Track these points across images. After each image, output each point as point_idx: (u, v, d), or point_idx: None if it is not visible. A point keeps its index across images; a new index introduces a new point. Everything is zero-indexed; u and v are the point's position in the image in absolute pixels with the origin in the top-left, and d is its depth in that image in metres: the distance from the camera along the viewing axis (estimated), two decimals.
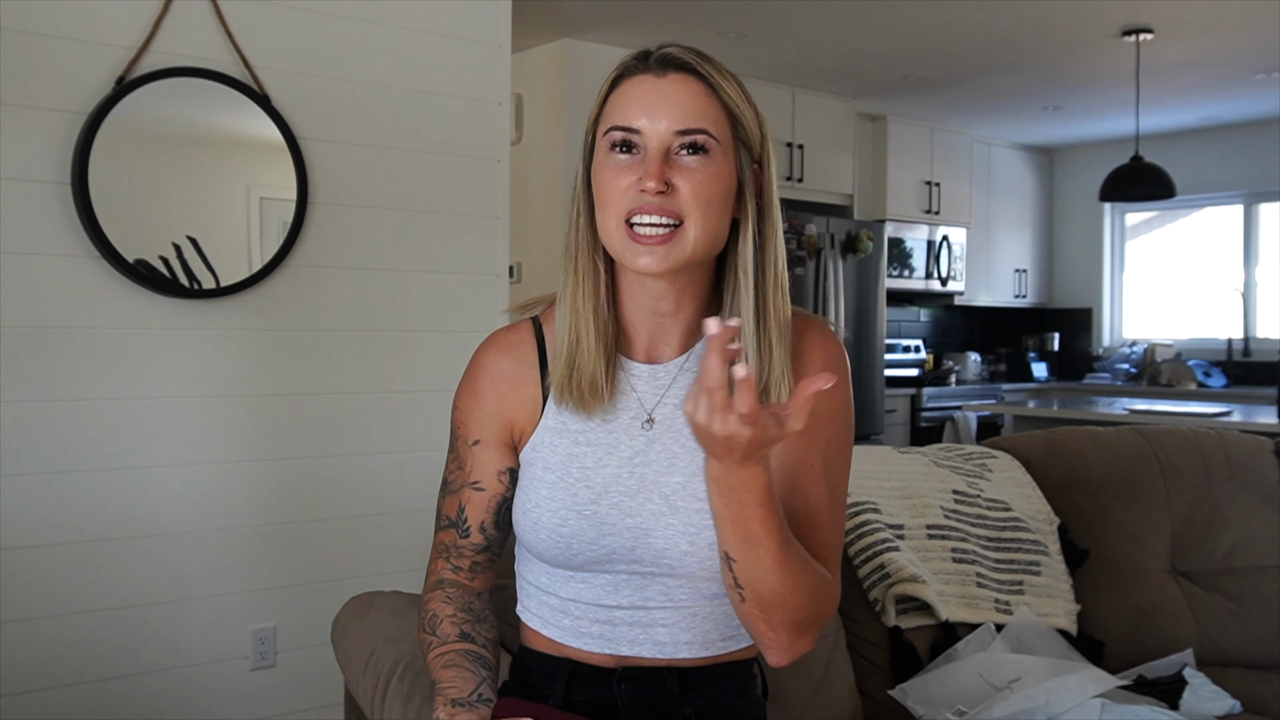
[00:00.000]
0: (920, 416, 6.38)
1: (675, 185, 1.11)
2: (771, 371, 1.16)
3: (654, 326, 1.22)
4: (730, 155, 1.14)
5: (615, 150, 1.13)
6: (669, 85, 1.12)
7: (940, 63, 5.31)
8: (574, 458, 1.21)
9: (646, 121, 1.11)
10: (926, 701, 1.69)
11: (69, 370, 2.45)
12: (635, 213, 1.11)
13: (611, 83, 1.16)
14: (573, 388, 1.19)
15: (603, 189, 1.14)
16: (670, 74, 1.13)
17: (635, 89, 1.13)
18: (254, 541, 2.72)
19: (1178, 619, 2.05)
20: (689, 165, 1.11)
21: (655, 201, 1.10)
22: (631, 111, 1.12)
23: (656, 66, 1.13)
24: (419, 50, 2.96)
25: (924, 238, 6.59)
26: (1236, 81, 5.58)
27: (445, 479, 1.31)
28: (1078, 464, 2.18)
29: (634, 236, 1.11)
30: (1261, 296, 6.79)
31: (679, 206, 1.11)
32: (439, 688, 1.17)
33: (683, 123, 1.11)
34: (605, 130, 1.14)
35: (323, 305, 2.81)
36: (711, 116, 1.12)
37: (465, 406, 1.28)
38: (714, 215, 1.13)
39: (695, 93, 1.12)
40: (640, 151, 1.12)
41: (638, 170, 1.11)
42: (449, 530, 1.29)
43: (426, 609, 1.26)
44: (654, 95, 1.12)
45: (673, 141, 1.11)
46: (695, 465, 1.20)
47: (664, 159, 1.11)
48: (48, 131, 2.41)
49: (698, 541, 1.18)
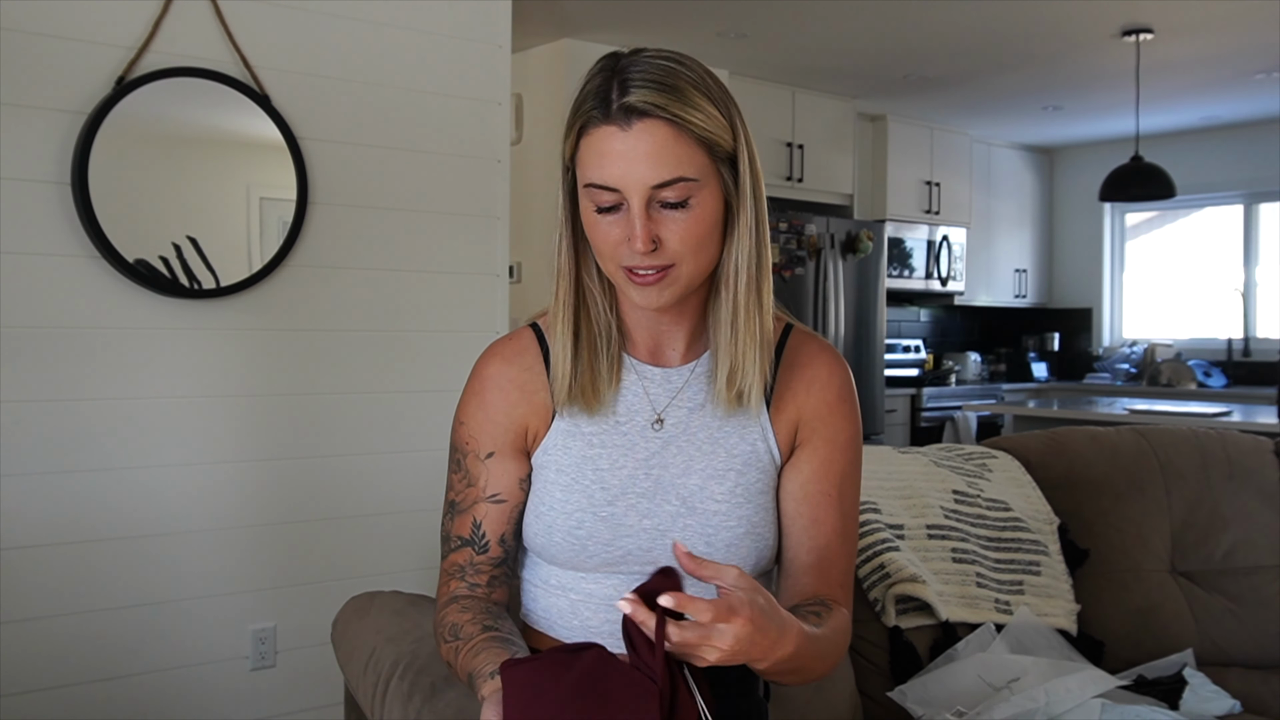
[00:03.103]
0: (920, 416, 6.38)
1: (663, 239, 1.10)
2: (745, 375, 1.18)
3: (657, 333, 1.24)
4: (713, 182, 1.12)
5: (599, 212, 1.12)
6: (635, 138, 1.08)
7: (940, 63, 5.31)
8: (588, 459, 1.21)
9: (622, 177, 1.09)
10: (926, 703, 1.69)
11: (69, 370, 2.45)
12: (631, 267, 1.12)
13: (579, 130, 1.13)
14: (577, 392, 1.20)
15: (596, 240, 1.14)
16: (635, 124, 1.08)
17: (604, 144, 1.09)
18: (254, 541, 2.72)
19: (1178, 619, 2.05)
20: (674, 217, 1.10)
21: (646, 260, 1.11)
22: (606, 170, 1.09)
23: (620, 117, 1.08)
24: (419, 50, 2.96)
25: (924, 238, 6.59)
26: (1236, 81, 5.58)
27: (452, 500, 1.28)
28: (1078, 464, 2.18)
29: (633, 278, 1.13)
30: (1261, 296, 6.79)
31: (668, 256, 1.11)
32: (476, 672, 1.11)
33: (657, 176, 1.08)
34: (585, 184, 1.13)
35: (323, 305, 2.81)
36: (685, 158, 1.09)
37: (474, 421, 1.26)
38: (704, 251, 1.14)
39: (665, 140, 1.08)
40: (623, 208, 1.11)
41: (625, 229, 1.11)
42: (463, 550, 1.26)
43: (443, 622, 1.23)
44: (623, 151, 1.08)
45: (651, 195, 1.09)
46: (712, 468, 1.22)
47: (647, 214, 1.09)
48: (48, 131, 2.41)
49: (714, 542, 1.19)
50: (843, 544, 1.24)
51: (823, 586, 1.22)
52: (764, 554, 1.23)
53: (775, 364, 1.24)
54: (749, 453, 1.23)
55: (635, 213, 1.09)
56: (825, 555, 1.22)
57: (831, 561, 1.23)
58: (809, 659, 1.07)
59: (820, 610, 1.18)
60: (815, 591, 1.22)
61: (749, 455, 1.23)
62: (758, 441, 1.23)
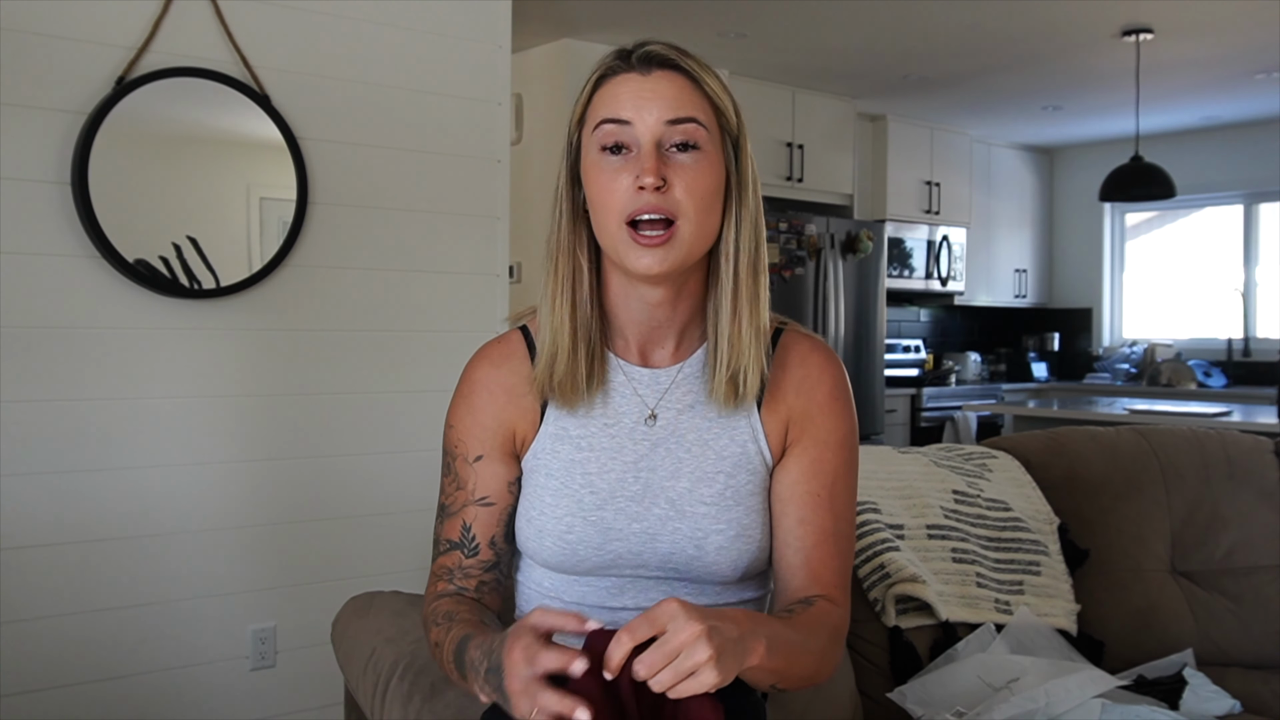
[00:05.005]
0: (920, 416, 6.38)
1: (670, 182, 1.11)
2: (742, 359, 1.18)
3: (648, 329, 1.23)
4: (718, 145, 1.15)
5: (606, 152, 1.13)
6: (654, 81, 1.13)
7: (940, 63, 5.31)
8: (577, 463, 1.21)
9: (636, 113, 1.12)
10: (926, 703, 1.69)
11: (69, 370, 2.45)
12: (636, 213, 1.11)
13: (595, 82, 1.16)
14: (554, 385, 1.19)
15: (599, 191, 1.14)
16: (655, 71, 1.13)
17: (621, 86, 1.14)
18: (254, 541, 2.72)
19: (1178, 619, 2.05)
20: (682, 162, 1.12)
21: (652, 200, 1.10)
22: (620, 106, 1.12)
23: (640, 64, 1.14)
24: (419, 50, 2.96)
25: (924, 238, 6.59)
26: (1236, 81, 5.58)
27: (443, 504, 1.28)
28: (1078, 464, 2.18)
29: (635, 238, 1.12)
30: (1261, 296, 6.79)
31: (674, 205, 1.11)
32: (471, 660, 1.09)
33: (673, 112, 1.12)
34: (594, 125, 1.14)
35: (323, 305, 2.81)
36: (698, 105, 1.14)
37: (463, 424, 1.25)
38: (707, 214, 1.14)
39: (681, 86, 1.13)
40: (632, 149, 1.12)
41: (632, 169, 1.11)
42: (452, 553, 1.25)
43: (436, 610, 1.21)
44: (641, 90, 1.12)
45: (664, 133, 1.11)
46: (701, 470, 1.21)
47: (657, 154, 1.11)
48: (48, 131, 2.41)
49: (704, 545, 1.19)
50: (835, 544, 1.22)
51: (814, 587, 1.21)
52: (755, 556, 1.22)
53: (767, 364, 1.24)
54: (739, 454, 1.22)
55: (645, 150, 1.11)
56: (815, 555, 1.21)
57: (822, 562, 1.21)
58: (785, 648, 1.06)
59: (795, 608, 1.17)
60: (805, 592, 1.21)
61: (739, 457, 1.22)
62: (748, 443, 1.23)
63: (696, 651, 0.93)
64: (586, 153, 1.16)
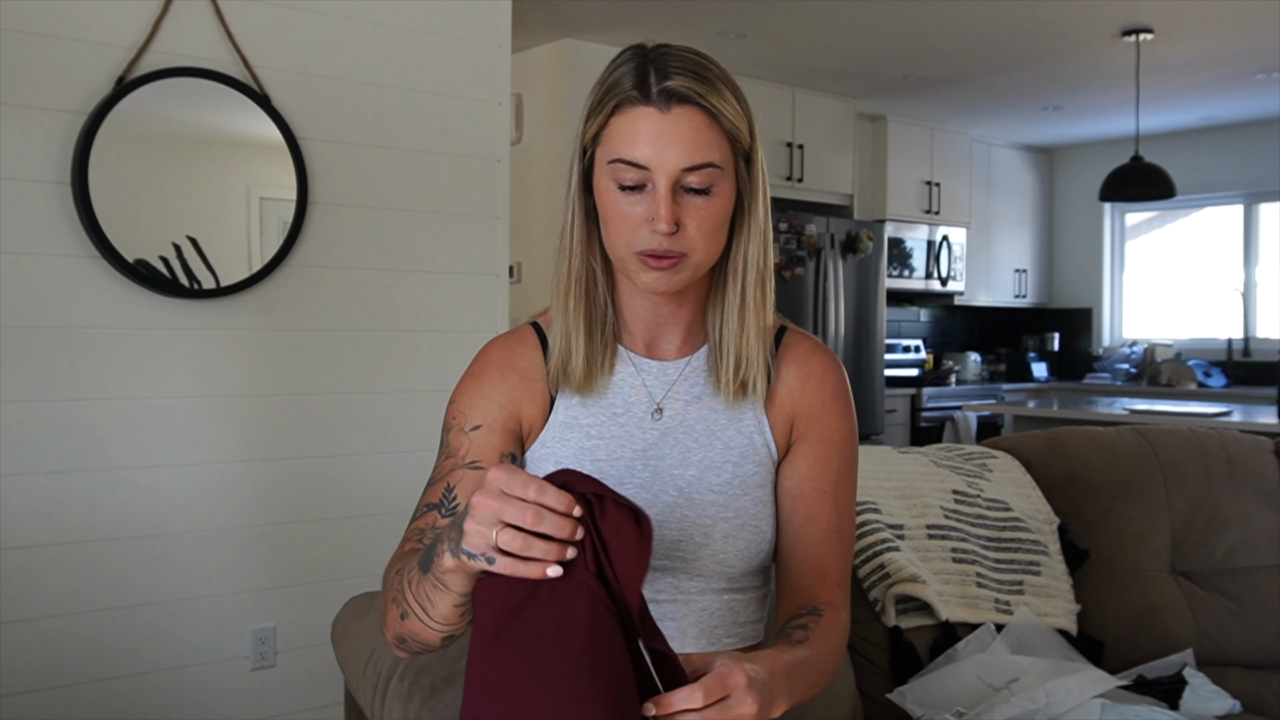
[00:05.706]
0: (920, 416, 6.38)
1: (683, 224, 1.12)
2: (750, 364, 1.21)
3: (654, 324, 1.25)
4: (731, 175, 1.16)
5: (622, 190, 1.13)
6: (673, 121, 1.11)
7: (940, 63, 5.31)
8: (586, 451, 1.22)
9: (654, 156, 1.11)
10: (926, 703, 1.69)
11: (69, 370, 2.45)
12: (648, 251, 1.13)
13: (612, 109, 1.14)
14: (567, 374, 1.21)
15: (611, 216, 1.15)
16: (674, 108, 1.11)
17: (640, 123, 1.11)
18: (254, 541, 2.72)
19: (1178, 619, 2.05)
20: (696, 204, 1.13)
21: (665, 243, 1.12)
22: (639, 148, 1.11)
23: (660, 101, 1.11)
24: (419, 50, 2.96)
25: (924, 238, 6.59)
26: (1236, 81, 5.58)
27: (430, 479, 1.25)
28: (1078, 464, 2.18)
29: (644, 261, 1.14)
30: (1261, 296, 6.79)
31: (685, 243, 1.13)
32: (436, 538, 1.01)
33: (690, 159, 1.11)
34: (611, 159, 1.13)
35: (323, 305, 2.81)
36: (714, 146, 1.13)
37: (466, 398, 1.24)
38: (715, 241, 1.16)
39: (700, 125, 1.11)
40: (647, 188, 1.12)
41: (647, 209, 1.12)
42: (428, 515, 1.19)
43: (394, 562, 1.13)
44: (659, 131, 1.11)
45: (680, 177, 1.11)
46: (709, 459, 1.23)
47: (672, 198, 1.11)
48: (48, 131, 2.41)
49: (711, 534, 1.20)
50: (839, 541, 1.25)
51: (819, 583, 1.23)
52: (761, 547, 1.23)
53: (771, 362, 1.25)
54: (746, 445, 1.24)
55: (661, 194, 1.11)
56: (821, 552, 1.24)
57: (827, 559, 1.24)
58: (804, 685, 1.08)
59: (808, 623, 1.18)
60: (811, 589, 1.23)
61: (746, 448, 1.24)
62: (754, 435, 1.24)
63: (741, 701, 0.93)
64: (600, 174, 1.16)
